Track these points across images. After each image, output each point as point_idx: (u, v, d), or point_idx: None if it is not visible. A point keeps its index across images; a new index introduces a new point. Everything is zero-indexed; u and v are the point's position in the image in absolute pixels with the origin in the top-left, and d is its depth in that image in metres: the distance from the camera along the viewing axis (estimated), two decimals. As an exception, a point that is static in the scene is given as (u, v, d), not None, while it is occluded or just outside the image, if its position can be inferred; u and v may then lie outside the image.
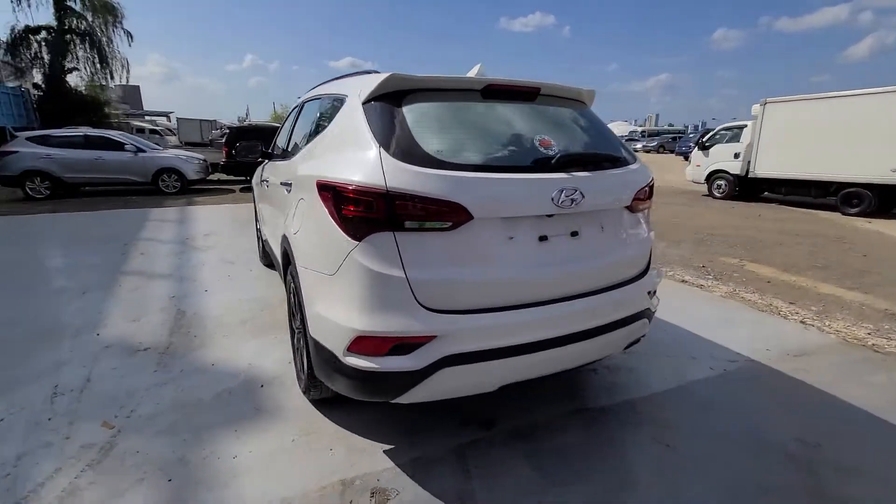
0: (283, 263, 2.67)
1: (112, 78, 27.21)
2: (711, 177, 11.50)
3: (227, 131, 14.96)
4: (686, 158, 16.10)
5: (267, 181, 3.61)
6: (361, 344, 1.73)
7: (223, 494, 1.85)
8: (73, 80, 26.69)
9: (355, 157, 1.83)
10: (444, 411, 2.39)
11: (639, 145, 37.25)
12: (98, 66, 26.32)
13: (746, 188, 11.11)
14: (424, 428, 2.28)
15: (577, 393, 2.63)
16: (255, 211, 4.84)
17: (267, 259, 4.67)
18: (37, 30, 24.40)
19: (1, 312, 3.60)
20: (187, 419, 2.32)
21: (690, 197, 11.82)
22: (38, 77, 25.58)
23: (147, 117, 37.09)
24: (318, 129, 2.53)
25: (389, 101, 1.92)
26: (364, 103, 1.96)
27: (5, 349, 3.02)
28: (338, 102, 2.29)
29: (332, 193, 1.80)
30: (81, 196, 10.54)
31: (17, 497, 1.80)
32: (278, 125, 6.17)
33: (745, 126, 10.82)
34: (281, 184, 2.84)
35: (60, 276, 4.58)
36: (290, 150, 3.17)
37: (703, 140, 11.73)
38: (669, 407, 2.52)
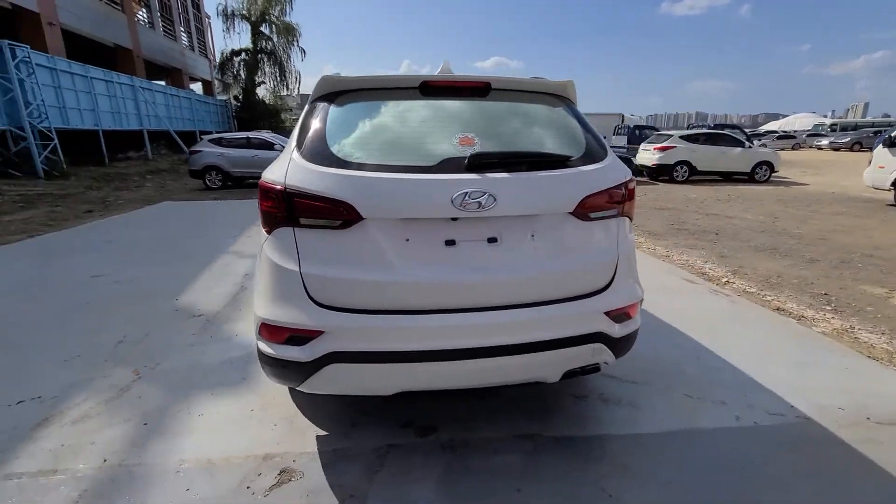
0: None
1: (288, 89, 32.40)
2: (902, 181, 8.87)
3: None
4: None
5: None
6: (266, 331, 1.85)
7: (171, 444, 2.15)
8: (260, 91, 32.39)
9: (284, 155, 1.96)
10: (394, 410, 2.39)
11: (824, 142, 30.39)
12: (278, 79, 31.57)
13: (959, 198, 8.34)
14: (366, 422, 2.31)
15: (544, 416, 2.36)
16: None
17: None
18: (238, 52, 30.28)
19: (126, 274, 4.66)
20: (189, 377, 2.74)
21: (866, 207, 9.30)
22: (236, 90, 31.70)
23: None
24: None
25: (324, 102, 2.00)
26: (309, 104, 2.07)
27: (109, 302, 3.92)
28: None
29: (259, 190, 1.96)
30: (244, 187, 12.82)
31: (48, 414, 2.37)
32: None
33: (961, 115, 8.06)
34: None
35: (181, 250, 5.71)
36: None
37: (892, 134, 9.07)
38: (647, 453, 2.11)
